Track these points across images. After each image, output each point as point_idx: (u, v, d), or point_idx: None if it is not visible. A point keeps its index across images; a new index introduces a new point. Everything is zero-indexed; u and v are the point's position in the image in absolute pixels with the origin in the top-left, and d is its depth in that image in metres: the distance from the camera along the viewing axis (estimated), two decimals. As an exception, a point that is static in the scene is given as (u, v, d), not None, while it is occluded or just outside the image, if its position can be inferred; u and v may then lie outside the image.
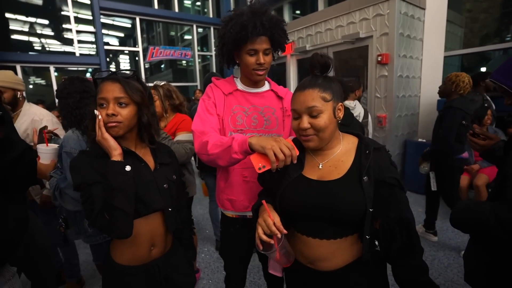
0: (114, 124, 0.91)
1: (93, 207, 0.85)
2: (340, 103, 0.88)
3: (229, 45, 1.15)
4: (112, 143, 0.90)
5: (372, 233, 0.83)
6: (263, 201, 0.88)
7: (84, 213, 0.90)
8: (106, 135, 0.90)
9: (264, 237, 0.81)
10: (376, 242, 0.83)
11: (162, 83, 2.11)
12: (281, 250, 0.82)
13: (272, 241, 0.80)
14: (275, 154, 0.82)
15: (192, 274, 1.19)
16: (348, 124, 2.09)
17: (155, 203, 0.99)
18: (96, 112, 0.91)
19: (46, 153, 1.42)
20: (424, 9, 4.09)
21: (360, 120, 2.70)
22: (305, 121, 0.84)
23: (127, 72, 0.97)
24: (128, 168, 0.90)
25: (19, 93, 1.98)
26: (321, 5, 6.30)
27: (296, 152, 0.86)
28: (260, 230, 0.82)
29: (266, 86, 1.30)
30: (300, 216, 0.89)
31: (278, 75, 6.19)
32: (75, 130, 1.39)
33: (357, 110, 2.75)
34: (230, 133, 1.21)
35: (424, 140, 3.93)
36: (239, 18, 1.10)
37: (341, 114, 0.88)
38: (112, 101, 0.90)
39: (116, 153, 0.90)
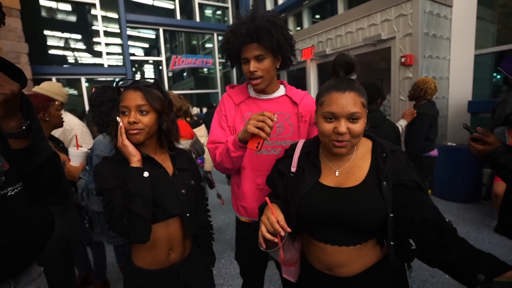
0: (135, 131, 0.94)
1: (113, 212, 0.88)
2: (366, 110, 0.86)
3: (229, 57, 1.19)
4: (131, 149, 0.93)
5: (396, 238, 0.81)
6: (267, 198, 0.86)
7: (106, 218, 0.92)
8: (126, 142, 0.93)
9: (268, 235, 0.79)
10: (411, 241, 0.79)
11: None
12: (285, 249, 0.81)
13: (275, 240, 0.79)
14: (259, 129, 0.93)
15: (210, 280, 1.19)
16: (378, 126, 2.04)
17: (172, 209, 1.00)
18: (118, 119, 0.94)
19: (76, 156, 1.50)
20: (450, 6, 3.91)
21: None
22: (344, 126, 0.79)
23: (149, 80, 1.00)
24: (146, 174, 0.92)
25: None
26: (340, 8, 6.22)
27: (271, 114, 0.93)
28: (263, 228, 0.81)
29: (281, 91, 1.27)
30: (319, 224, 0.88)
31: (298, 79, 6.16)
32: (106, 135, 1.46)
33: None
34: None
35: (454, 144, 3.70)
36: (229, 30, 1.12)
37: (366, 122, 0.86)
38: (133, 109, 0.93)
39: (135, 159, 0.92)
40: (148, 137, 0.98)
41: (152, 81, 1.01)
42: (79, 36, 7.80)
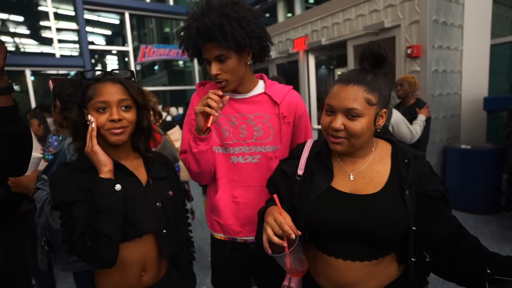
0: (120, 130, 0.95)
1: (73, 231, 0.86)
2: (384, 110, 0.87)
3: (193, 56, 1.20)
4: (102, 157, 0.91)
5: (416, 253, 0.84)
6: (275, 196, 0.87)
7: (64, 237, 0.90)
8: (96, 148, 0.91)
9: (275, 239, 0.80)
10: (426, 255, 0.84)
11: None
12: (294, 255, 0.82)
13: (284, 244, 0.79)
14: (208, 107, 1.00)
15: None
16: None
17: (145, 225, 0.99)
18: (90, 117, 0.93)
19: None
20: (463, -10, 4.06)
21: None
22: (339, 121, 0.83)
23: (124, 71, 1.02)
24: (118, 187, 0.91)
25: None
26: (338, -8, 6.35)
27: (219, 92, 1.02)
28: (270, 231, 0.81)
29: (259, 88, 1.26)
30: (329, 236, 0.89)
31: (290, 74, 6.20)
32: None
33: None
34: (214, 148, 1.23)
35: (468, 147, 3.79)
36: (182, 28, 1.16)
37: (381, 122, 0.88)
38: (115, 104, 0.94)
39: (106, 170, 0.91)
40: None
41: (128, 73, 1.03)
42: (20, 18, 7.56)
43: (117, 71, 1.00)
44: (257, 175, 1.22)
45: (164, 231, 1.04)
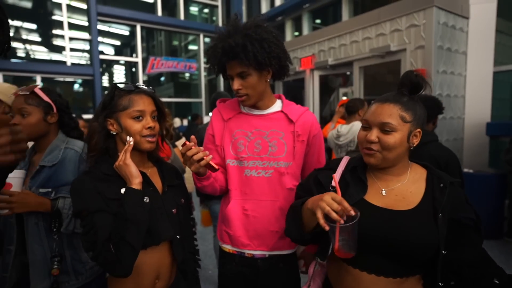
0: (154, 139, 1.05)
1: (96, 238, 0.88)
2: (419, 130, 0.93)
3: (218, 72, 1.29)
4: (134, 170, 0.96)
5: (443, 278, 0.86)
6: (334, 176, 0.92)
7: (84, 245, 0.92)
8: (129, 161, 0.96)
9: (334, 214, 0.79)
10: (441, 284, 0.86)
11: None
12: (348, 236, 0.82)
13: (341, 220, 0.80)
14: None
15: None
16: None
17: (164, 233, 1.03)
18: (129, 138, 1.00)
19: (18, 177, 1.26)
20: (467, 18, 4.20)
21: (354, 148, 2.67)
22: (374, 134, 0.90)
23: (148, 87, 1.10)
24: (146, 199, 0.96)
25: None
26: (345, 15, 6.54)
27: (191, 144, 1.05)
28: (327, 207, 0.81)
29: (276, 107, 1.32)
30: (363, 248, 0.89)
31: (294, 91, 6.31)
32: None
33: (349, 134, 2.72)
34: (229, 161, 1.29)
35: (471, 171, 3.84)
36: (209, 47, 1.26)
37: (416, 141, 0.93)
38: (149, 113, 1.04)
39: (137, 181, 0.95)
40: None
41: (151, 88, 1.11)
42: (33, 26, 7.73)
43: (142, 86, 1.08)
44: (268, 189, 1.25)
45: (178, 237, 1.07)
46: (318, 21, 7.95)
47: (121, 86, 1.04)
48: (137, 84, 1.06)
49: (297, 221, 0.92)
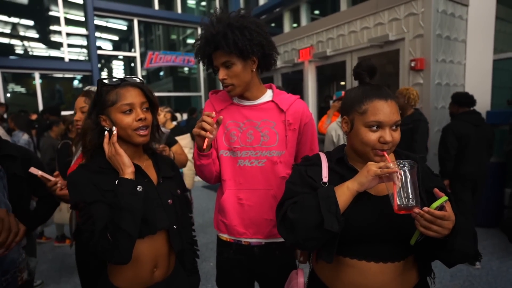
0: (146, 131, 1.04)
1: (93, 227, 0.91)
2: None
3: (208, 66, 1.32)
4: (126, 159, 0.98)
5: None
6: (384, 153, 0.90)
7: (84, 234, 0.95)
8: (121, 151, 0.98)
9: (388, 168, 0.81)
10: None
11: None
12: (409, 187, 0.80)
13: (398, 170, 0.81)
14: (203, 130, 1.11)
15: None
16: None
17: (160, 222, 1.05)
18: (114, 128, 1.00)
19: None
20: (467, 5, 4.12)
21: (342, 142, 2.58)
22: (390, 135, 0.90)
23: (136, 78, 1.09)
24: (140, 188, 0.97)
25: None
26: (343, 5, 6.46)
27: (212, 114, 1.11)
28: (381, 163, 0.84)
29: (267, 97, 1.33)
30: (364, 237, 0.91)
31: (294, 84, 6.27)
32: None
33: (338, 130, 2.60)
34: (222, 152, 1.31)
35: (471, 161, 3.81)
36: (196, 40, 1.27)
37: None
38: (138, 105, 1.02)
39: (129, 171, 0.97)
40: None
41: (139, 79, 1.09)
42: (30, 22, 7.68)
43: (132, 78, 1.07)
44: (262, 178, 1.28)
45: (175, 227, 1.09)
46: (316, 12, 7.86)
47: (106, 81, 1.03)
48: (124, 77, 1.05)
49: (334, 210, 0.84)
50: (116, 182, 0.96)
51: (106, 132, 1.01)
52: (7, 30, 7.31)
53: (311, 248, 0.92)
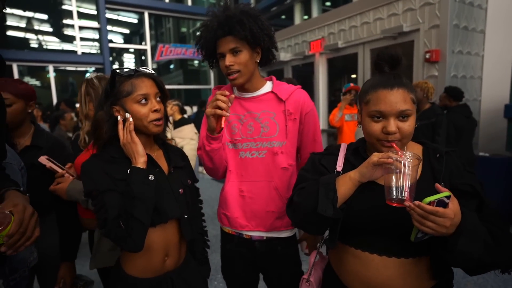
0: (161, 122, 1.05)
1: (107, 216, 0.93)
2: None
3: (206, 56, 1.30)
4: (140, 148, 0.99)
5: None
6: (393, 144, 0.86)
7: (97, 222, 0.97)
8: (136, 139, 0.99)
9: (392, 155, 0.78)
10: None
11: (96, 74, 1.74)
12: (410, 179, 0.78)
13: (402, 158, 0.78)
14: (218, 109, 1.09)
15: None
16: None
17: (171, 211, 1.06)
18: (128, 115, 1.01)
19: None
20: (486, -6, 3.99)
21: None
22: (394, 125, 0.85)
23: (147, 69, 1.10)
24: (151, 177, 0.98)
25: None
26: (356, -5, 6.31)
27: (225, 92, 1.09)
28: (388, 153, 0.80)
29: (266, 88, 1.32)
30: (369, 227, 0.89)
31: (304, 77, 6.20)
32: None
33: None
34: (227, 144, 1.32)
35: (487, 154, 3.71)
36: (202, 25, 1.26)
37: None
38: (153, 96, 1.03)
39: (142, 160, 0.98)
40: None
41: (151, 70, 1.10)
42: (44, 16, 7.78)
43: (141, 68, 1.07)
44: (262, 170, 1.27)
45: (186, 216, 1.11)
46: (328, 3, 7.72)
47: (120, 71, 1.03)
48: (136, 67, 1.05)
49: (331, 197, 0.86)
50: (128, 171, 0.96)
51: (119, 119, 1.01)
52: (22, 24, 7.42)
53: (313, 232, 1.00)
